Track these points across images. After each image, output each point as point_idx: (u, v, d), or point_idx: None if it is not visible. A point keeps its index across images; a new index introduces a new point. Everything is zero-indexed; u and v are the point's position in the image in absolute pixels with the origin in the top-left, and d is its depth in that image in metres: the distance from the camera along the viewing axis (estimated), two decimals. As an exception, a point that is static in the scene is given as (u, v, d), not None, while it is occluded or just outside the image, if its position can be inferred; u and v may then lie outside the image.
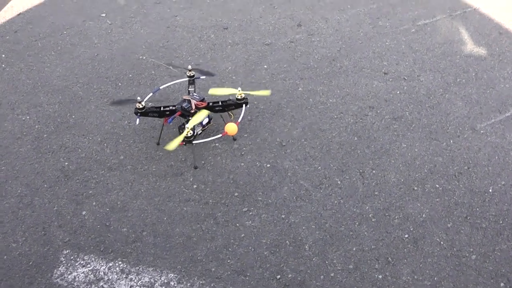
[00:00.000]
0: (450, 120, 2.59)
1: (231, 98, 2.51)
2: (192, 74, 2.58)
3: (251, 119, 2.64)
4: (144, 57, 3.21)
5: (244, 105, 2.47)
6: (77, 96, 2.88)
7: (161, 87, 2.76)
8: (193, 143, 2.33)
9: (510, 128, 2.53)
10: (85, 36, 3.38)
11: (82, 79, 3.03)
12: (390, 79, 2.94)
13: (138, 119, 2.43)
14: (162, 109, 2.42)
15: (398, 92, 2.84)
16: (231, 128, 2.29)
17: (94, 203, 2.20)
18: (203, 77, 2.70)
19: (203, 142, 2.45)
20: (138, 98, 2.38)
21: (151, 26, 3.54)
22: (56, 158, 2.46)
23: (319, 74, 3.01)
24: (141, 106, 2.38)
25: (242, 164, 2.38)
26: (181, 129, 2.39)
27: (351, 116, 2.66)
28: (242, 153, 2.45)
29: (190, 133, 2.25)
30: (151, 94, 2.63)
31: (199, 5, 3.80)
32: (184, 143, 2.27)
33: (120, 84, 2.96)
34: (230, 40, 3.39)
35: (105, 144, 2.53)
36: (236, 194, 2.23)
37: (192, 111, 2.38)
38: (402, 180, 2.25)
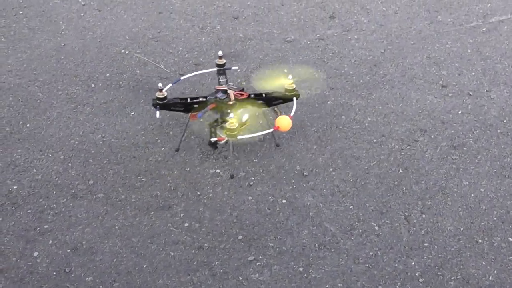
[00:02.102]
0: (530, 152, 2.66)
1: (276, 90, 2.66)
2: (223, 62, 2.71)
3: (264, 139, 2.72)
4: (127, 51, 3.33)
5: (294, 98, 2.62)
6: (34, 99, 2.98)
7: (182, 78, 2.87)
8: (237, 138, 2.44)
9: None
10: (48, 19, 3.52)
11: (42, 77, 3.12)
12: (450, 94, 3.01)
13: (158, 112, 2.54)
14: (189, 100, 2.57)
15: (460, 112, 2.90)
16: (285, 122, 2.42)
17: (50, 242, 2.25)
18: (236, 67, 2.87)
19: (250, 137, 2.51)
20: (160, 84, 2.52)
21: (138, 10, 3.67)
22: (1, 180, 2.53)
23: (355, 83, 3.08)
24: (161, 95, 2.52)
25: (250, 198, 2.44)
26: (214, 127, 2.54)
27: (396, 141, 2.72)
28: (251, 183, 2.52)
29: (235, 125, 2.39)
30: (170, 84, 2.74)
31: None
32: (225, 138, 2.44)
33: (93, 85, 3.08)
34: (242, 33, 3.49)
35: (69, 164, 2.61)
36: (240, 237, 2.28)
37: (231, 103, 2.52)
38: (461, 230, 2.29)
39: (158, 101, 2.53)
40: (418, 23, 3.55)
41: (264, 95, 2.62)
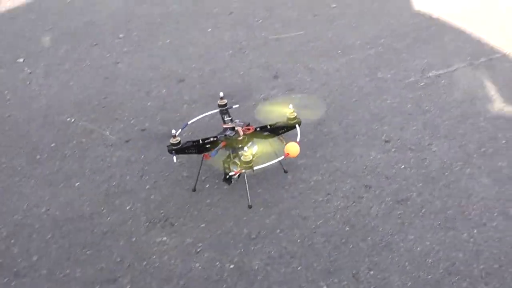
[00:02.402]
0: (473, 203, 2.75)
1: (279, 120, 2.95)
2: (225, 102, 2.98)
3: (211, 203, 2.81)
4: (73, 120, 3.42)
5: (297, 125, 2.91)
6: (-24, 172, 3.01)
7: (189, 123, 3.07)
8: (253, 169, 2.67)
9: (549, 212, 2.73)
10: (-7, 90, 3.60)
11: (-15, 149, 3.17)
12: (393, 149, 3.15)
13: (174, 157, 2.79)
14: (201, 142, 2.82)
15: (403, 167, 3.03)
16: (293, 148, 2.71)
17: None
18: (236, 106, 3.12)
19: (264, 166, 2.71)
20: (173, 131, 2.75)
21: (84, 77, 3.78)
22: None
23: (300, 142, 3.23)
24: (176, 141, 2.75)
25: (197, 264, 2.48)
26: (227, 163, 2.76)
27: (342, 199, 2.82)
28: (198, 249, 2.56)
29: (249, 158, 2.63)
30: (180, 130, 2.94)
31: (148, 48, 4.10)
32: (242, 170, 2.66)
33: (38, 156, 3.13)
34: (187, 96, 3.61)
35: (12, 241, 2.63)
36: (188, 306, 2.34)
37: (240, 138, 2.79)
38: (409, 284, 2.35)
39: (173, 147, 2.76)
40: (359, 80, 3.73)
41: (269, 126, 2.90)
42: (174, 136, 2.76)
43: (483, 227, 2.64)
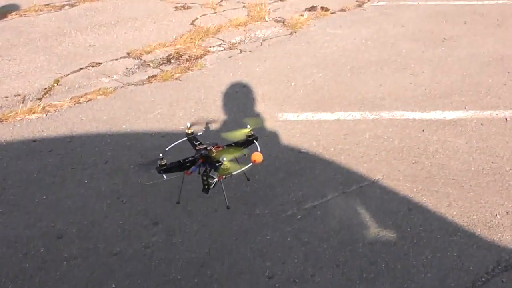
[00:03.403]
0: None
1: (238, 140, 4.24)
2: (191, 131, 4.22)
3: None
4: None
5: (255, 140, 4.25)
6: None
7: (166, 149, 4.30)
8: (232, 174, 3.89)
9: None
10: None
11: None
12: (277, 285, 3.41)
13: (164, 175, 3.94)
14: (182, 162, 3.96)
15: (287, 301, 3.27)
16: (258, 156, 3.93)
17: None
18: (200, 132, 4.40)
19: (240, 172, 4.02)
20: (160, 155, 3.89)
21: None
22: None
23: (184, 287, 3.45)
24: (163, 163, 3.90)
25: None
26: (205, 176, 3.89)
27: None
28: None
29: (228, 166, 3.84)
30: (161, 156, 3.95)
31: (25, 205, 4.21)
32: (223, 176, 3.88)
33: None
34: (66, 253, 3.69)
35: None
36: None
37: (214, 155, 3.95)
38: None
39: (161, 168, 3.90)
40: (238, 218, 4.02)
41: (233, 144, 4.18)
42: (162, 159, 3.89)
43: None
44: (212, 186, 3.90)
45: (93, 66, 6.69)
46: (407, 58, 6.81)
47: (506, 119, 5.30)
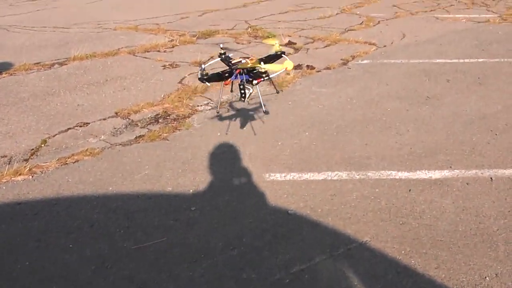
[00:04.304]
0: None
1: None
2: (224, 51, 5.05)
3: None
4: None
5: (283, 54, 5.13)
6: None
7: (204, 65, 5.01)
8: (270, 77, 4.89)
9: None
10: None
11: None
12: None
13: (207, 83, 5.09)
14: (221, 72, 4.91)
15: None
16: (289, 64, 4.87)
17: None
18: (231, 54, 5.07)
19: (277, 74, 5.18)
20: (203, 65, 4.87)
21: None
22: None
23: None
24: (205, 73, 4.86)
25: None
26: (242, 85, 4.85)
27: None
28: None
29: (264, 69, 4.79)
30: (203, 67, 4.96)
31: (7, 272, 4.02)
32: (262, 79, 4.80)
33: None
34: None
35: None
36: None
37: (249, 65, 4.77)
38: None
39: (204, 77, 4.90)
40: (225, 283, 3.95)
41: (263, 57, 5.00)
42: (204, 69, 4.85)
43: None
44: (248, 96, 4.88)
45: (81, 126, 6.65)
46: (392, 116, 6.82)
47: (491, 178, 5.29)
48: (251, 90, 4.79)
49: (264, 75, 4.74)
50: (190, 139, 6.33)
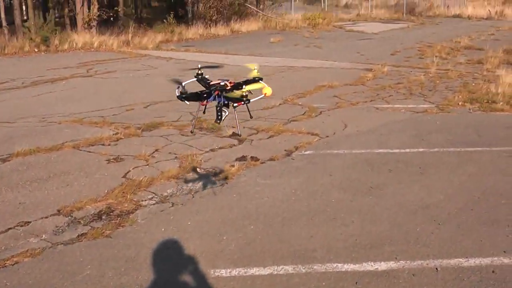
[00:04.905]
0: None
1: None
2: (201, 72, 5.43)
3: None
4: None
5: (260, 80, 5.99)
6: None
7: (184, 83, 5.11)
8: (250, 101, 6.06)
9: None
10: None
11: None
12: None
13: (186, 101, 5.87)
14: (200, 92, 4.93)
15: None
16: (268, 90, 5.78)
17: None
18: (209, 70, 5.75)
19: (256, 100, 6.14)
20: (183, 83, 5.01)
21: None
22: None
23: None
24: (185, 91, 5.20)
25: None
26: (219, 107, 5.23)
27: None
28: None
29: (246, 93, 5.77)
30: (181, 86, 5.09)
31: None
32: (242, 102, 5.84)
33: None
34: None
35: None
36: None
37: (228, 88, 5.27)
38: None
39: (182, 95, 5.22)
40: None
41: (242, 82, 5.19)
42: (184, 87, 4.58)
43: None
44: (224, 118, 4.89)
45: (22, 226, 6.42)
46: (337, 207, 6.86)
47: (437, 269, 5.32)
48: (227, 113, 5.69)
49: (244, 99, 5.09)
50: (133, 236, 6.19)
